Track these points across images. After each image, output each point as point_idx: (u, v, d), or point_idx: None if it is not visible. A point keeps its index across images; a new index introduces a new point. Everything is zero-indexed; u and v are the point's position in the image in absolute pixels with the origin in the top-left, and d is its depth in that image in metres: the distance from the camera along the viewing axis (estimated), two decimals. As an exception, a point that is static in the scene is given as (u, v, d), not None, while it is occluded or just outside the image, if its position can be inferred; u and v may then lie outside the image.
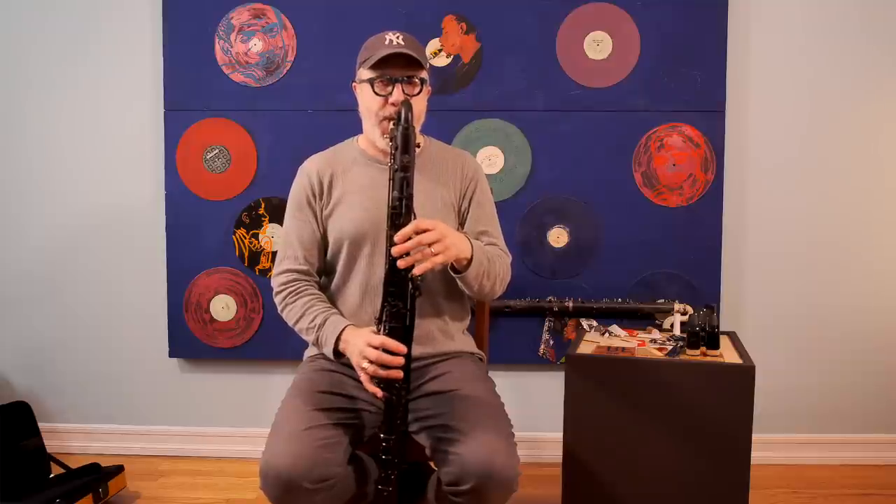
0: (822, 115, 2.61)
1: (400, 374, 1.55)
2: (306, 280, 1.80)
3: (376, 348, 1.55)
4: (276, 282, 1.82)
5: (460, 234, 1.69)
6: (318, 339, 1.72)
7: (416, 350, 1.72)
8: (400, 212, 1.54)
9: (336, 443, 1.59)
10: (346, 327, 1.68)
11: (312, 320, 1.72)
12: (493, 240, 1.84)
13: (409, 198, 1.54)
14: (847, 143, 2.61)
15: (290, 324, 1.79)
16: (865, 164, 2.62)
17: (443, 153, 1.89)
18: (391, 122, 1.63)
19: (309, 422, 1.59)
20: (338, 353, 1.69)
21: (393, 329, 1.56)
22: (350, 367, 1.67)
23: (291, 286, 1.78)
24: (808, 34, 2.59)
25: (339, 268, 1.81)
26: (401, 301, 1.55)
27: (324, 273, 1.86)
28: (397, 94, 1.70)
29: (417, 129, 1.80)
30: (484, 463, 1.49)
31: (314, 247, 1.81)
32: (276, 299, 1.81)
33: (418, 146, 1.60)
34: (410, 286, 1.55)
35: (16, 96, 2.73)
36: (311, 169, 1.85)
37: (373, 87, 1.71)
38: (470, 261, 1.67)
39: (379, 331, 1.58)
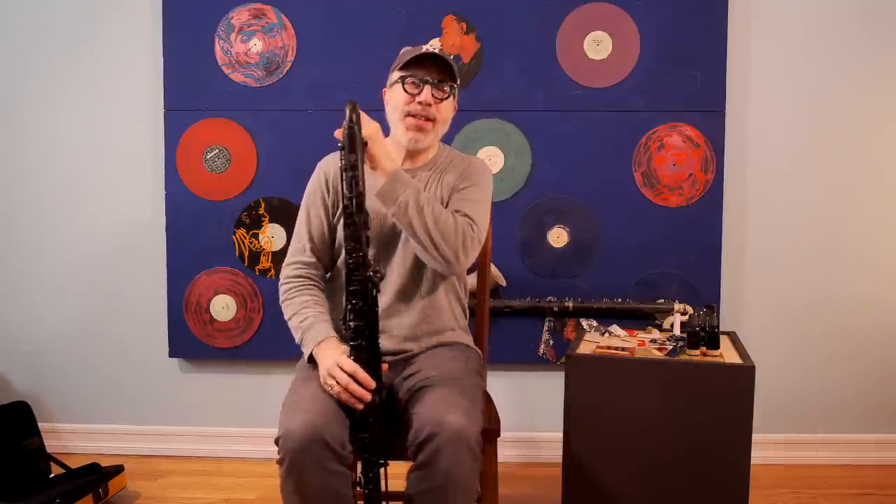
0: (821, 115, 2.61)
1: (367, 399, 1.58)
2: (312, 277, 1.82)
3: (347, 374, 1.58)
4: (283, 273, 1.85)
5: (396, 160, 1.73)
6: (301, 341, 1.75)
7: (408, 346, 1.78)
8: (352, 210, 1.56)
9: (344, 424, 1.60)
10: (324, 339, 1.70)
11: (302, 321, 1.75)
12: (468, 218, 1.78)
13: (361, 195, 1.56)
14: (847, 143, 2.61)
15: (286, 317, 1.81)
16: (865, 164, 2.62)
17: (451, 158, 1.89)
18: (412, 118, 1.74)
19: (324, 399, 1.60)
20: (313, 360, 1.72)
21: (357, 328, 1.58)
22: None
23: (296, 282, 1.81)
24: (808, 34, 2.59)
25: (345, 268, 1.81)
26: (362, 299, 1.57)
27: (331, 267, 1.87)
28: (426, 94, 1.75)
29: (439, 137, 1.83)
30: (436, 415, 1.53)
31: (323, 241, 1.84)
32: (280, 289, 1.84)
33: (365, 145, 1.62)
34: (370, 284, 1.57)
35: (16, 96, 2.73)
36: (328, 171, 1.85)
37: (403, 85, 1.75)
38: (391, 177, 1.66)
39: (345, 328, 1.61)
